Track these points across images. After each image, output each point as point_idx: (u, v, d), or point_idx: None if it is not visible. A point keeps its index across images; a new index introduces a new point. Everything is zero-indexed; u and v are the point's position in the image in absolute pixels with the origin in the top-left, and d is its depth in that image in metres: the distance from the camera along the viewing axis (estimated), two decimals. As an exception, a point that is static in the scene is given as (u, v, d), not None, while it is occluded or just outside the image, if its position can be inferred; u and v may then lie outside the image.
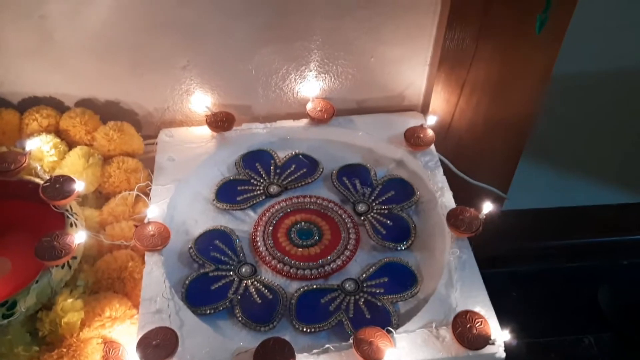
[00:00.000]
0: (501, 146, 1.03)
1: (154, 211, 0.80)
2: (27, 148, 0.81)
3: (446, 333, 0.69)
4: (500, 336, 0.68)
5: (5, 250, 0.77)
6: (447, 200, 0.85)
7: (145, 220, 0.79)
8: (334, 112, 0.95)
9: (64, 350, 0.66)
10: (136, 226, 0.78)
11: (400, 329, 0.70)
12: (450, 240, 0.79)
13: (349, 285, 0.77)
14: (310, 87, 0.96)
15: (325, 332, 0.73)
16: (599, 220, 1.57)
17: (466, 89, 0.94)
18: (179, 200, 0.87)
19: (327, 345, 0.68)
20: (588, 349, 1.43)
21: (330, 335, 0.73)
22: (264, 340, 0.67)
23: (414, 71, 0.96)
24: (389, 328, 0.69)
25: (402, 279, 0.78)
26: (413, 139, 0.91)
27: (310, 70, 0.93)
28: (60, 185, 0.77)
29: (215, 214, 0.87)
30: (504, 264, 1.59)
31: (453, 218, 0.79)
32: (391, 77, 0.96)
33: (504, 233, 1.39)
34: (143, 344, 0.66)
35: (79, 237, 0.72)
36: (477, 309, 0.71)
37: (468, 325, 0.68)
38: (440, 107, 0.97)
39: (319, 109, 0.96)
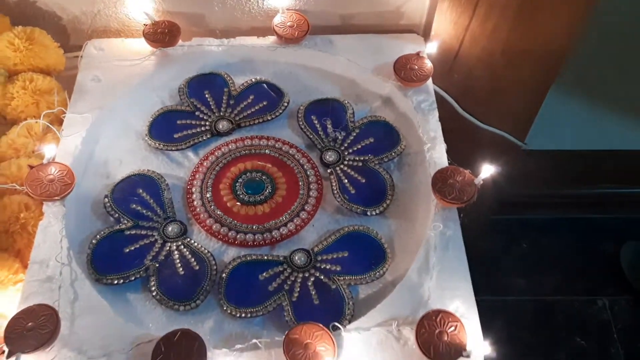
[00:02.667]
0: (522, 84, 0.82)
1: (51, 150, 0.62)
2: None
3: (410, 335, 0.53)
4: (479, 348, 0.52)
5: None
6: (438, 155, 0.66)
7: (45, 160, 0.62)
8: (309, 29, 0.75)
9: None
10: (31, 167, 0.61)
11: (351, 326, 0.54)
12: (434, 210, 0.61)
13: (298, 258, 0.61)
14: (280, -6, 0.74)
15: (261, 318, 0.58)
16: (631, 168, 1.36)
17: (480, 10, 0.72)
18: (103, 133, 0.70)
19: (254, 340, 0.53)
20: (600, 312, 1.28)
21: (265, 322, 0.58)
22: (168, 333, 0.52)
23: (415, -20, 0.73)
24: (337, 324, 0.53)
25: (366, 254, 0.61)
26: (405, 71, 0.71)
27: (280, -29, 0.72)
28: None
29: (146, 153, 0.70)
30: (516, 210, 1.42)
31: (440, 182, 0.61)
32: (388, -14, 0.74)
33: (519, 175, 1.20)
34: (13, 327, 0.51)
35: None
36: (454, 306, 0.55)
37: (437, 331, 0.52)
38: (446, 30, 0.75)
39: (289, 24, 0.75)
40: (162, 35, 0.73)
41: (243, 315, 0.57)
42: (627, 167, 1.36)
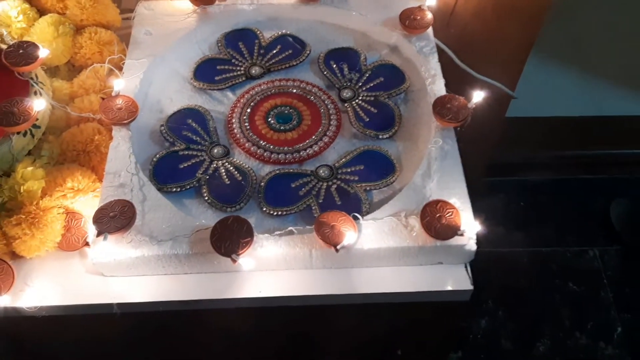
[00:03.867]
0: (512, 37, 0.93)
1: (121, 84, 0.76)
2: (-8, 12, 0.77)
3: (415, 222, 0.66)
4: (471, 228, 0.64)
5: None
6: (438, 88, 0.78)
7: (113, 93, 0.75)
8: (326, -12, 0.87)
9: (23, 216, 0.65)
10: (103, 99, 0.74)
11: (368, 216, 0.67)
12: (435, 130, 0.74)
13: (322, 172, 0.73)
14: (303, -42, 0.87)
15: (293, 216, 0.70)
16: (621, 132, 1.48)
17: (474, -33, 0.84)
18: (155, 77, 0.82)
19: (289, 228, 0.66)
20: (592, 261, 1.41)
21: (297, 220, 0.70)
22: (223, 218, 0.64)
23: (417, -57, 0.85)
24: (356, 214, 0.66)
25: (379, 167, 0.74)
26: (409, 20, 0.83)
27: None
28: (24, 50, 0.73)
29: (192, 93, 0.83)
30: (515, 172, 1.54)
31: (439, 106, 0.73)
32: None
33: (517, 140, 1.33)
34: (100, 215, 0.64)
35: (38, 104, 0.69)
36: (452, 201, 0.67)
37: (437, 215, 0.64)
38: (444, -14, 0.87)
39: (310, -16, 0.87)
40: (204, -5, 0.86)
41: (279, 213, 0.70)
42: (614, 131, 1.47)
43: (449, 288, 0.65)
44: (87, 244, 0.67)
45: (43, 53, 0.73)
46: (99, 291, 0.66)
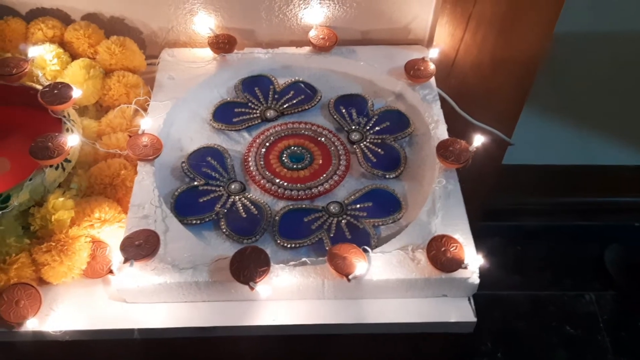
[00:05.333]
0: (507, 87, 1.01)
1: (147, 123, 0.82)
2: (30, 55, 0.83)
3: (421, 256, 0.70)
4: (474, 262, 0.69)
5: (5, 151, 0.80)
6: (441, 132, 0.84)
7: (139, 132, 0.81)
8: (337, 40, 0.94)
9: (53, 244, 0.69)
10: (130, 136, 0.80)
11: (377, 249, 0.71)
12: (439, 172, 0.79)
13: (333, 207, 0.78)
14: (314, 14, 0.95)
15: (305, 249, 0.75)
16: (613, 180, 1.54)
17: (472, 23, 0.92)
18: (176, 118, 0.88)
19: (303, 259, 0.70)
20: (588, 305, 1.44)
21: (309, 252, 0.74)
22: (241, 248, 0.69)
23: (420, 3, 0.93)
24: (366, 247, 0.70)
25: (386, 204, 0.79)
26: (413, 70, 0.90)
27: (314, -4, 0.92)
28: (58, 91, 0.79)
29: (210, 133, 0.89)
30: (511, 217, 1.59)
31: (443, 149, 0.79)
32: (397, 8, 0.94)
33: (512, 186, 1.38)
34: (126, 243, 0.69)
35: (72, 140, 0.74)
36: (455, 236, 0.71)
37: (443, 249, 0.69)
38: (445, 41, 0.95)
39: (321, 36, 0.95)
40: (223, 44, 0.93)
41: (292, 245, 0.74)
42: (606, 179, 1.53)
43: (454, 320, 0.69)
44: (111, 271, 0.71)
45: (76, 93, 0.79)
46: (121, 317, 0.69)
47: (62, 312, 0.69)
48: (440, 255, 0.68)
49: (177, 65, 0.93)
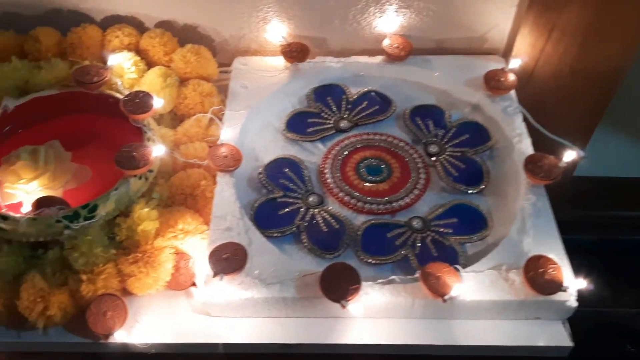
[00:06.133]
0: (586, 99, 0.97)
1: (227, 133, 0.81)
2: (110, 62, 0.83)
3: (516, 277, 0.67)
4: (574, 284, 0.66)
5: (86, 159, 0.80)
6: (525, 147, 0.81)
7: (219, 142, 0.80)
8: (412, 49, 0.92)
9: (139, 255, 0.68)
10: (210, 146, 0.79)
11: (468, 268, 0.69)
12: (526, 187, 0.76)
13: (416, 223, 0.76)
14: (389, 22, 0.93)
15: (390, 265, 0.73)
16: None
17: (555, 34, 0.89)
18: (250, 127, 0.87)
19: (392, 277, 0.68)
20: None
21: (394, 269, 0.72)
22: (332, 264, 0.67)
23: (500, 12, 0.91)
24: (457, 266, 0.68)
25: (471, 221, 0.76)
26: (493, 82, 0.88)
27: (391, 4, 0.90)
28: (139, 100, 0.78)
29: (284, 143, 0.87)
30: (570, 230, 1.54)
31: (531, 164, 0.76)
32: (475, 17, 0.92)
33: (573, 198, 1.33)
34: (214, 256, 0.67)
35: (157, 150, 0.74)
36: (550, 256, 0.68)
37: (540, 270, 0.66)
38: (525, 51, 0.92)
39: (396, 45, 0.93)
40: (296, 53, 0.92)
41: (377, 262, 0.72)
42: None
43: (550, 344, 0.66)
44: (194, 284, 0.70)
45: (157, 102, 0.79)
46: (205, 331, 0.68)
47: (147, 324, 0.69)
48: (538, 276, 0.66)
49: (249, 73, 0.92)
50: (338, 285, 0.65)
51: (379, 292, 0.67)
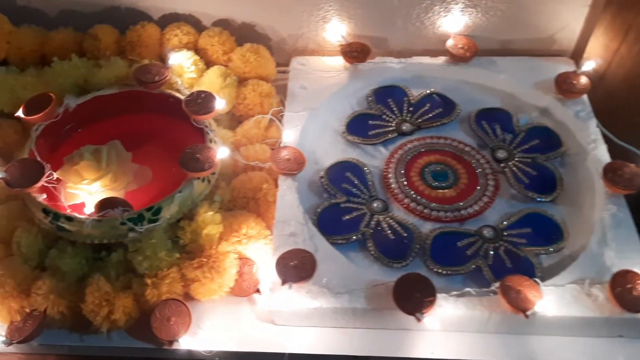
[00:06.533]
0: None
1: (290, 135, 0.78)
2: (170, 62, 0.82)
3: (599, 292, 0.63)
4: (665, 302, 0.62)
5: (146, 160, 0.78)
6: (601, 154, 0.77)
7: (281, 145, 0.78)
8: (477, 50, 0.89)
9: (204, 260, 0.66)
10: (272, 149, 0.77)
11: (548, 282, 0.65)
12: (604, 197, 0.72)
13: (487, 232, 0.72)
14: (454, 22, 0.90)
15: (461, 277, 0.69)
16: None
17: (631, 35, 0.84)
18: (310, 129, 0.84)
19: (467, 289, 0.65)
20: None
21: (466, 280, 0.69)
22: (407, 274, 0.64)
23: (571, 12, 0.87)
24: (536, 279, 0.64)
25: (546, 231, 0.72)
26: (565, 85, 0.83)
27: (457, 3, 0.87)
28: (202, 100, 0.77)
29: (344, 146, 0.85)
30: None
31: (610, 172, 0.72)
32: (544, 17, 0.88)
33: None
34: (281, 263, 0.65)
35: (221, 153, 0.72)
36: (635, 270, 0.64)
37: (628, 286, 0.62)
38: (597, 53, 0.88)
39: (460, 46, 0.89)
40: (357, 53, 0.89)
41: (448, 272, 0.69)
42: None
43: (637, 364, 0.62)
44: (258, 290, 0.68)
45: (219, 103, 0.77)
46: (270, 339, 0.66)
47: (210, 331, 0.67)
48: (626, 292, 0.62)
49: (308, 74, 0.90)
50: (412, 297, 0.62)
51: (453, 305, 0.64)
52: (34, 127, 0.76)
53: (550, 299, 0.63)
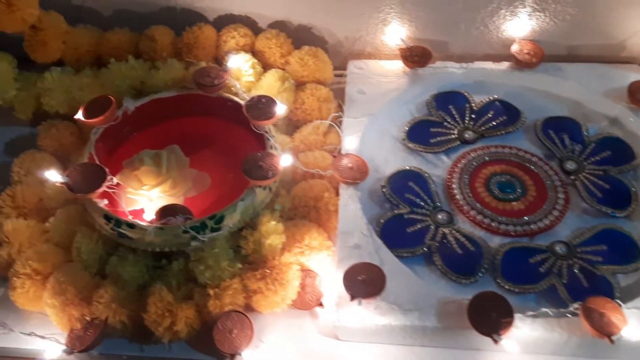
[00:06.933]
0: None
1: (352, 142, 0.76)
2: (229, 65, 0.80)
3: (685, 317, 0.60)
4: None
5: (203, 165, 0.77)
6: (681, 168, 0.73)
7: (342, 152, 0.75)
8: (543, 56, 0.85)
9: (267, 271, 0.64)
10: (334, 156, 0.74)
11: (629, 304, 0.61)
12: (687, 214, 0.68)
13: (560, 248, 0.69)
14: (519, 26, 0.86)
15: (534, 295, 0.66)
16: None
17: None
18: (369, 136, 0.82)
19: (543, 309, 0.61)
20: None
21: (539, 299, 0.66)
22: (482, 292, 0.61)
23: (645, 17, 0.83)
24: (618, 301, 0.61)
25: (623, 249, 0.68)
26: (639, 94, 0.79)
27: (525, 7, 0.83)
28: (262, 105, 0.75)
29: (404, 154, 0.82)
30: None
31: (696, 189, 0.68)
32: (616, 23, 0.84)
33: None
34: (349, 277, 0.63)
35: (285, 160, 0.70)
36: None
37: None
38: (672, 60, 0.83)
39: (526, 51, 0.86)
40: (417, 57, 0.86)
41: (520, 291, 0.66)
42: None
43: None
44: (321, 304, 0.66)
45: (281, 108, 0.74)
46: (333, 355, 0.64)
47: (272, 345, 0.65)
48: None
49: (366, 78, 0.87)
50: (488, 317, 0.59)
51: (530, 326, 0.61)
52: (92, 130, 0.75)
53: (634, 322, 0.60)
